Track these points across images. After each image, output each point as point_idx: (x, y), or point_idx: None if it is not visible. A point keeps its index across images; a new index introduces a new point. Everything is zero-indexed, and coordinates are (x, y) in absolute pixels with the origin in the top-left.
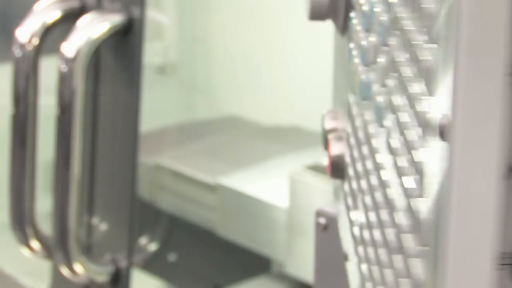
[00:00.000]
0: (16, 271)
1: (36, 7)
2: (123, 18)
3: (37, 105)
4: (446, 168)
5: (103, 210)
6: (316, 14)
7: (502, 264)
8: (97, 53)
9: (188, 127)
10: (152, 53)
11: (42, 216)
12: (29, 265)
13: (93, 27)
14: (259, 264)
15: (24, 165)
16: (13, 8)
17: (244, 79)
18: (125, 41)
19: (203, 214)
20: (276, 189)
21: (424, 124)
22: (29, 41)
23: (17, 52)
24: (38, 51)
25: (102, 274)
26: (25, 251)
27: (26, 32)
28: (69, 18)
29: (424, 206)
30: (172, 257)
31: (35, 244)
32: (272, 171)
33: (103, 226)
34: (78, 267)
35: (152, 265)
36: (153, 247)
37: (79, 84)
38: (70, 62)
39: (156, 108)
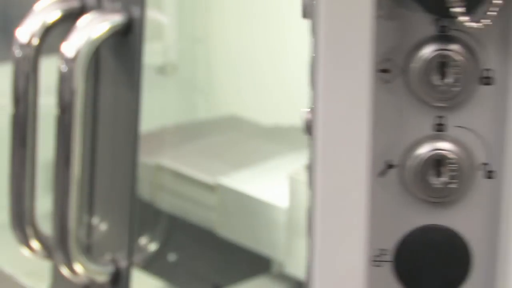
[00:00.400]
0: (16, 271)
1: (36, 7)
2: (123, 18)
3: (37, 105)
4: (312, 163)
5: (103, 210)
6: (309, 13)
7: (381, 261)
8: (97, 53)
9: (188, 127)
10: (152, 53)
11: (42, 216)
12: (29, 265)
13: (93, 27)
14: (259, 264)
15: (24, 165)
16: (13, 8)
17: (244, 79)
18: (125, 41)
19: (203, 214)
20: (276, 189)
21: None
22: (29, 41)
23: (17, 52)
24: (38, 51)
25: (102, 274)
26: (25, 251)
27: (26, 32)
28: (69, 18)
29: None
30: (172, 257)
31: (35, 244)
32: (272, 171)
33: (103, 226)
34: (78, 267)
35: (152, 265)
36: (153, 247)
37: (79, 84)
38: (70, 62)
39: (156, 108)
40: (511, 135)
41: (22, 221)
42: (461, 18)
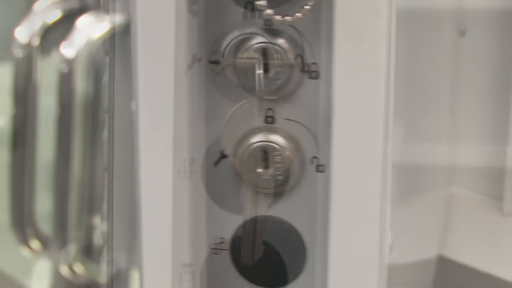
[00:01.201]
0: (16, 271)
1: (36, 7)
2: (123, 18)
3: (37, 105)
4: (135, 149)
5: (103, 210)
6: None
7: (220, 249)
8: (97, 53)
9: None
10: None
11: (42, 216)
12: (29, 265)
13: (93, 27)
14: None
15: (24, 165)
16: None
17: None
18: (125, 41)
19: None
20: None
21: None
22: (29, 41)
23: (17, 52)
24: (38, 51)
25: (102, 274)
26: (25, 251)
27: (26, 32)
28: (69, 18)
29: None
30: None
31: (35, 244)
32: None
33: (103, 226)
34: (78, 267)
35: None
36: None
37: (79, 84)
38: (70, 62)
39: None
40: (336, 130)
41: (22, 221)
42: (267, 12)
